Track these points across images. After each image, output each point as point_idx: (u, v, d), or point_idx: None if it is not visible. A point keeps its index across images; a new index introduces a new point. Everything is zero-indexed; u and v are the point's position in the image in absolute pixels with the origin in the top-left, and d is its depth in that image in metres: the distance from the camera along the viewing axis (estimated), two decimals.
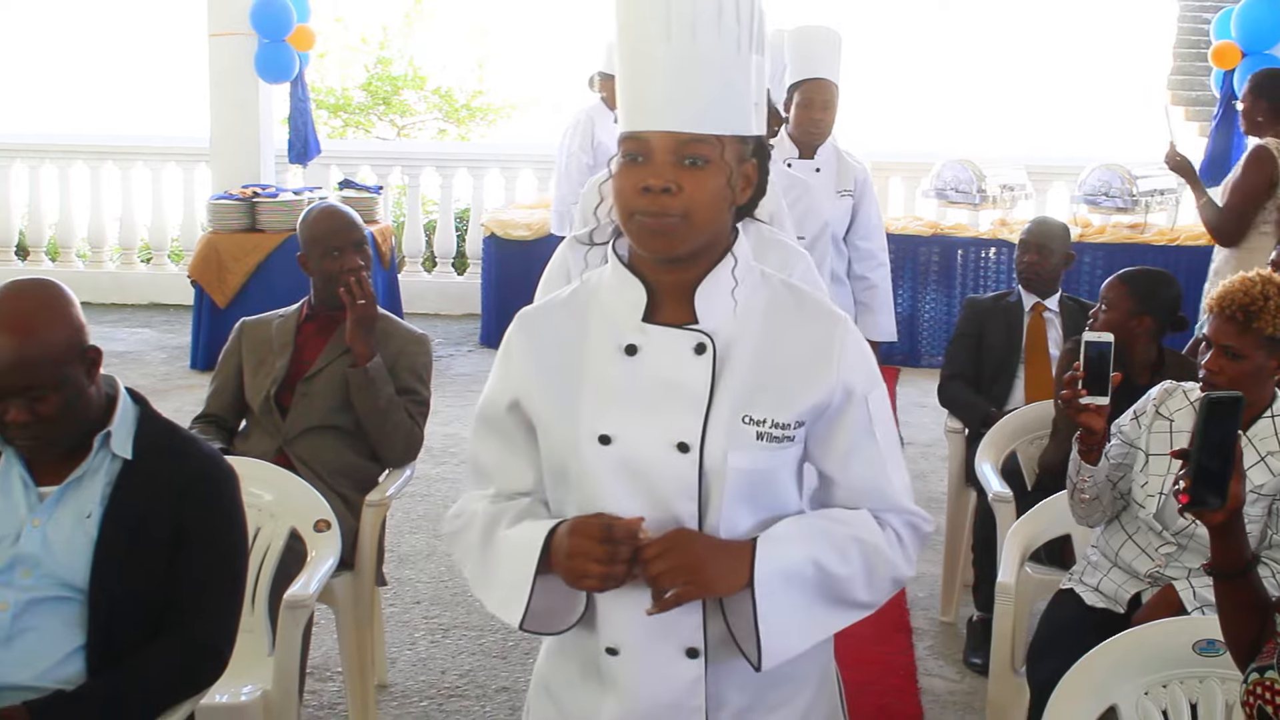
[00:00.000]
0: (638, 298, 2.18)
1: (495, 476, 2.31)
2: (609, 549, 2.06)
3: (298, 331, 4.40)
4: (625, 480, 2.14)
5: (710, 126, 2.08)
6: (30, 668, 2.72)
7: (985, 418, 5.07)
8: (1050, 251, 5.39)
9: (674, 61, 2.05)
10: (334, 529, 3.72)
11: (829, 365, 2.18)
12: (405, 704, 4.51)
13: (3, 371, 2.68)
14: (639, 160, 2.08)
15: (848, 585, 2.18)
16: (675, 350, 2.16)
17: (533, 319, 2.30)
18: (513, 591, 2.16)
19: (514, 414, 2.26)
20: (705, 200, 2.08)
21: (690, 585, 2.08)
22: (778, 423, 2.16)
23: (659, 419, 2.14)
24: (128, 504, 2.81)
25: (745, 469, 2.14)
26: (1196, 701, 2.89)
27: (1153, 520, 3.58)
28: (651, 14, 2.06)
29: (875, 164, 10.33)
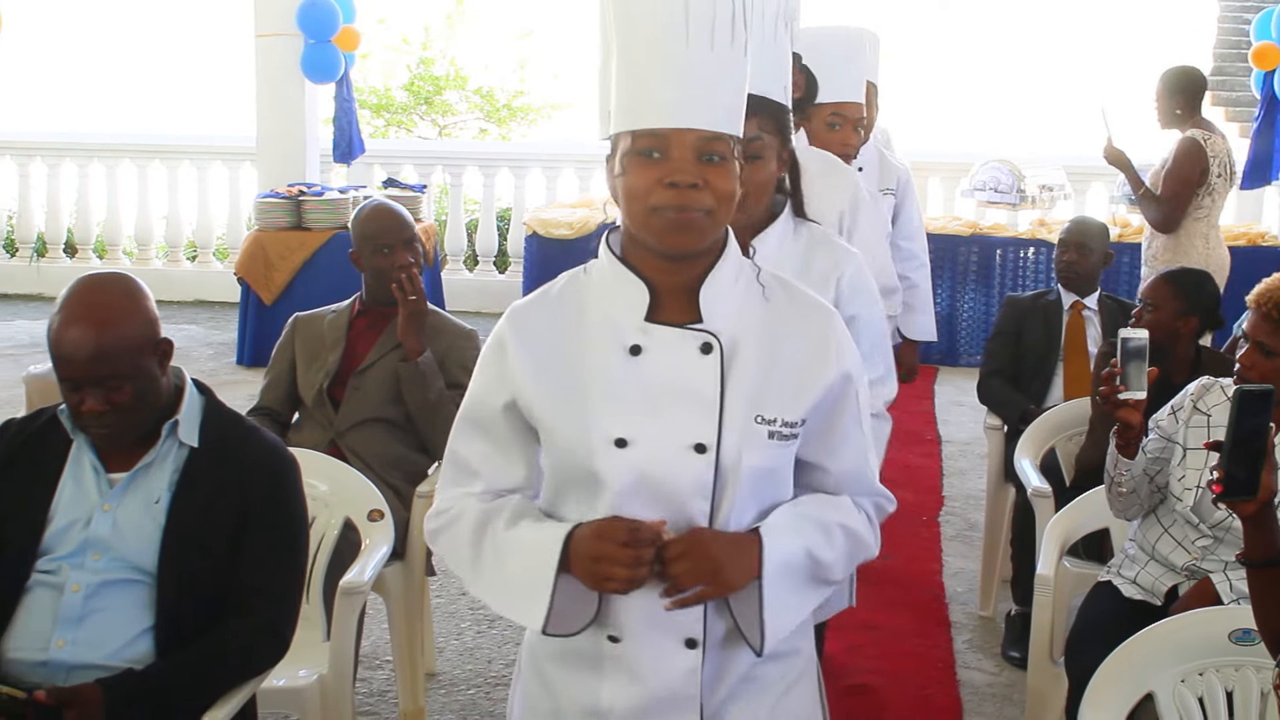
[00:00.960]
0: (639, 296, 2.20)
1: (483, 473, 2.31)
2: (634, 553, 2.10)
3: (350, 327, 4.50)
4: (640, 482, 2.17)
5: (724, 125, 2.15)
6: (101, 647, 2.83)
7: (1024, 414, 5.13)
8: (1090, 250, 5.45)
9: (693, 64, 2.12)
10: (387, 518, 3.81)
11: (829, 359, 2.26)
12: (453, 692, 4.61)
13: (81, 362, 2.79)
14: (655, 156, 2.13)
15: (830, 568, 2.27)
16: (681, 350, 2.19)
17: (525, 316, 2.29)
18: (531, 593, 2.18)
19: (509, 414, 2.27)
20: (727, 195, 2.15)
21: (711, 585, 2.14)
22: (787, 421, 2.22)
23: (673, 421, 2.17)
24: (194, 490, 2.92)
25: (758, 468, 2.20)
26: (1232, 690, 2.95)
27: (1190, 514, 3.63)
28: (670, 17, 2.12)
29: (914, 164, 10.37)
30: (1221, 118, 15.44)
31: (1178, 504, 3.67)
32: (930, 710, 4.58)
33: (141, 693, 2.76)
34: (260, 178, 10.44)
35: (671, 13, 2.12)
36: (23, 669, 2.83)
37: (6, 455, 2.98)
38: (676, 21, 2.12)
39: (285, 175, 10.08)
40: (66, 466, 2.93)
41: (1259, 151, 9.59)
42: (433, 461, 4.46)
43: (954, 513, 6.52)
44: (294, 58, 9.94)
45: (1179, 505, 3.67)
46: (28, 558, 2.87)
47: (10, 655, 2.84)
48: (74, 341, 2.80)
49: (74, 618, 2.83)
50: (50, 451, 2.95)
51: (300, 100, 10.24)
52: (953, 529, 6.29)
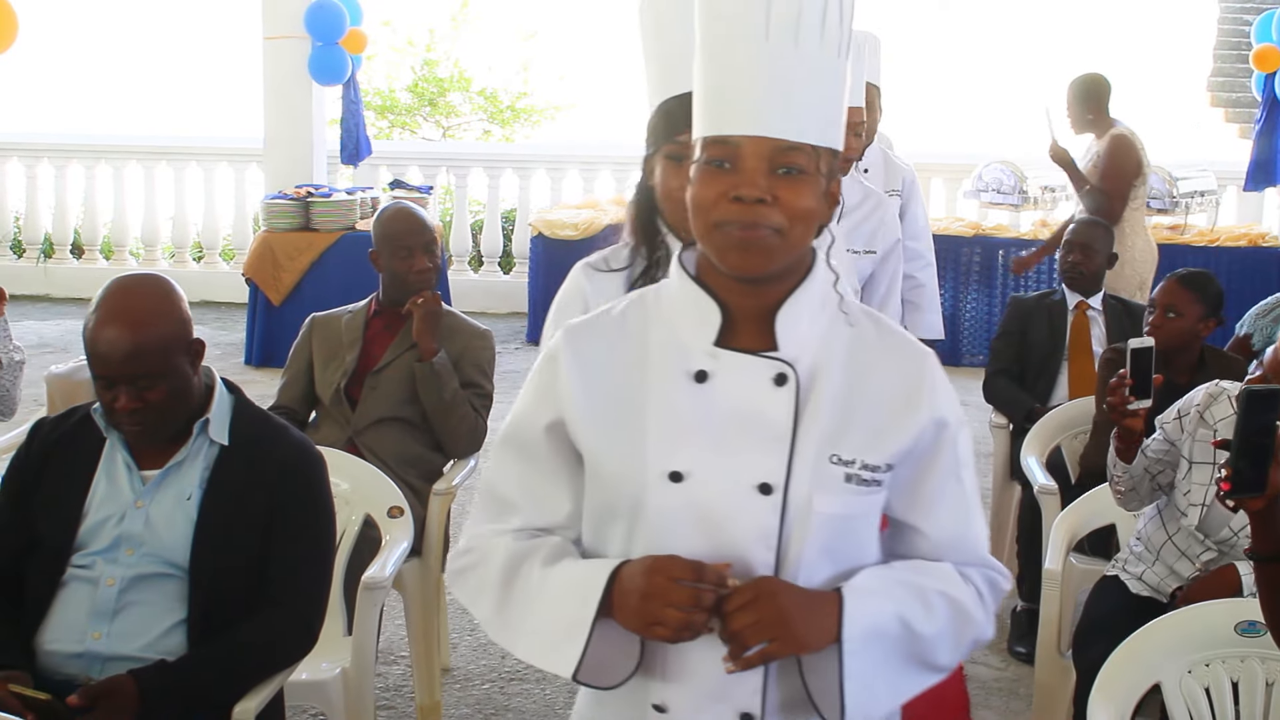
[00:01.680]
0: (710, 318, 1.97)
1: (521, 507, 2.08)
2: (693, 593, 1.86)
3: (366, 327, 4.57)
4: (695, 523, 1.93)
5: (807, 135, 1.89)
6: (135, 640, 2.90)
7: (1029, 413, 5.20)
8: (1094, 252, 5.52)
9: (772, 62, 1.88)
10: (407, 515, 3.88)
11: (920, 401, 2.00)
12: (468, 686, 4.68)
13: (116, 361, 2.86)
14: (724, 167, 1.90)
15: (932, 645, 1.98)
16: (752, 379, 1.95)
17: (582, 335, 2.06)
18: (564, 635, 1.93)
19: (553, 435, 2.04)
20: (801, 214, 1.90)
21: (779, 642, 1.88)
22: (868, 464, 1.97)
23: (736, 456, 1.94)
24: (225, 487, 2.99)
25: (831, 514, 1.95)
26: (1238, 680, 3.02)
27: (1195, 531, 3.69)
28: (749, 10, 1.88)
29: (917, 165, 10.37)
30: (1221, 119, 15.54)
31: (1183, 519, 3.72)
32: (938, 704, 4.63)
33: (174, 683, 2.83)
34: (267, 179, 10.51)
35: (751, 5, 1.88)
36: (60, 660, 2.91)
37: (41, 454, 3.05)
38: (756, 14, 1.88)
39: (292, 177, 10.15)
40: (100, 464, 3.01)
41: (1261, 153, 9.69)
42: (448, 460, 4.54)
43: None
44: (301, 60, 10.01)
45: (1184, 520, 3.72)
46: (63, 553, 2.95)
47: (47, 647, 2.92)
48: (109, 340, 2.87)
49: (109, 611, 2.90)
50: (84, 449, 3.02)
51: (308, 102, 10.31)
52: None
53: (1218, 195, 9.99)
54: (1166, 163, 9.88)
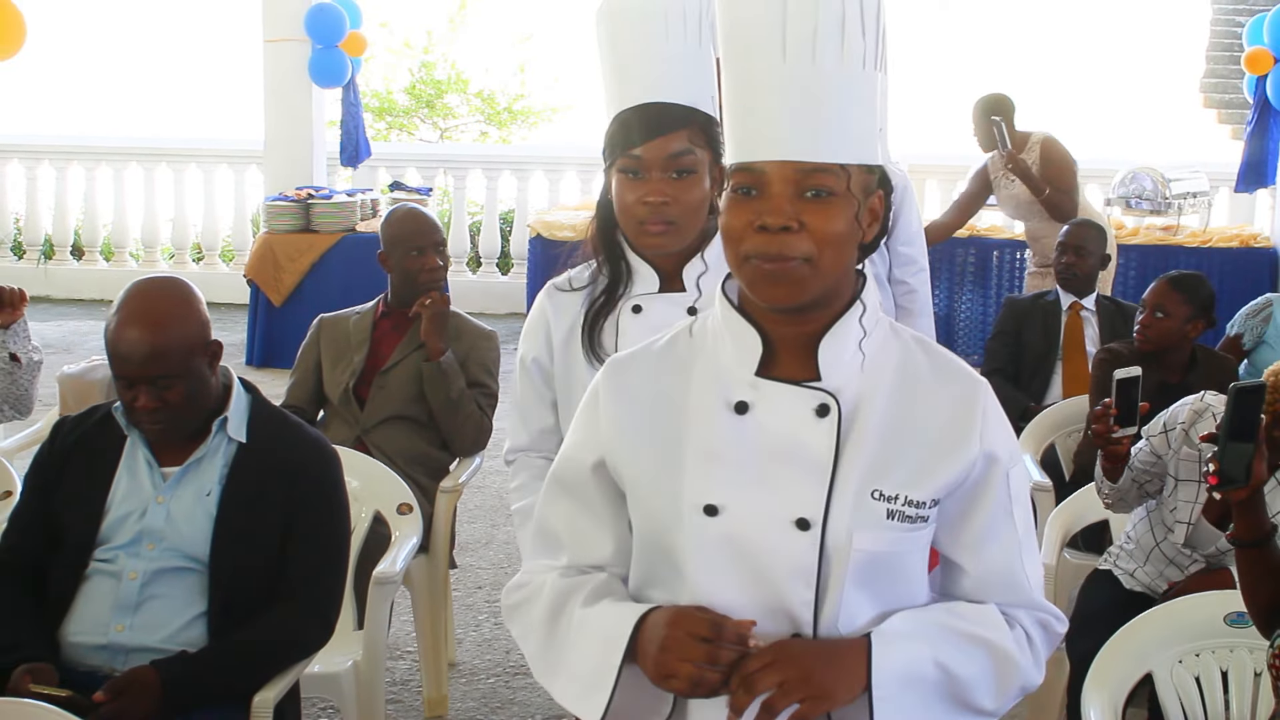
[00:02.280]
0: (752, 347, 1.91)
1: (568, 545, 2.06)
2: (710, 650, 1.81)
3: (374, 327, 4.65)
4: (731, 558, 1.89)
5: (834, 155, 1.82)
6: (157, 632, 2.98)
7: (1024, 412, 5.28)
8: (1088, 253, 5.62)
9: (792, 83, 1.81)
10: (416, 512, 3.97)
11: (971, 434, 1.92)
12: (473, 680, 4.77)
13: (137, 362, 2.95)
14: (752, 194, 1.84)
15: (972, 689, 1.91)
16: (794, 410, 1.89)
17: (623, 369, 2.04)
18: (592, 681, 1.91)
19: (599, 475, 2.02)
20: (831, 238, 1.83)
21: (809, 701, 1.81)
22: (912, 500, 1.89)
23: (774, 490, 1.88)
24: (244, 483, 3.08)
25: (872, 551, 1.88)
26: (1228, 670, 3.12)
27: (1182, 548, 3.77)
28: (765, 30, 1.82)
29: (912, 167, 10.58)
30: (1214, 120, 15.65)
31: (1170, 534, 3.80)
32: None
33: (195, 674, 2.92)
34: (267, 181, 10.58)
35: (767, 20, 1.81)
36: (83, 652, 2.99)
37: (63, 452, 3.14)
38: (772, 34, 1.81)
39: (292, 178, 10.22)
40: (121, 461, 3.09)
41: (1252, 155, 9.76)
42: (453, 459, 4.62)
43: None
44: (302, 63, 10.08)
45: (1171, 536, 3.79)
46: (86, 547, 3.03)
47: (72, 639, 3.00)
48: (130, 342, 2.95)
49: (131, 604, 2.99)
50: (105, 447, 3.11)
51: (308, 104, 10.38)
52: None
53: (1210, 196, 10.08)
54: (1159, 164, 9.98)
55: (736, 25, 1.86)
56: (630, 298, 2.76)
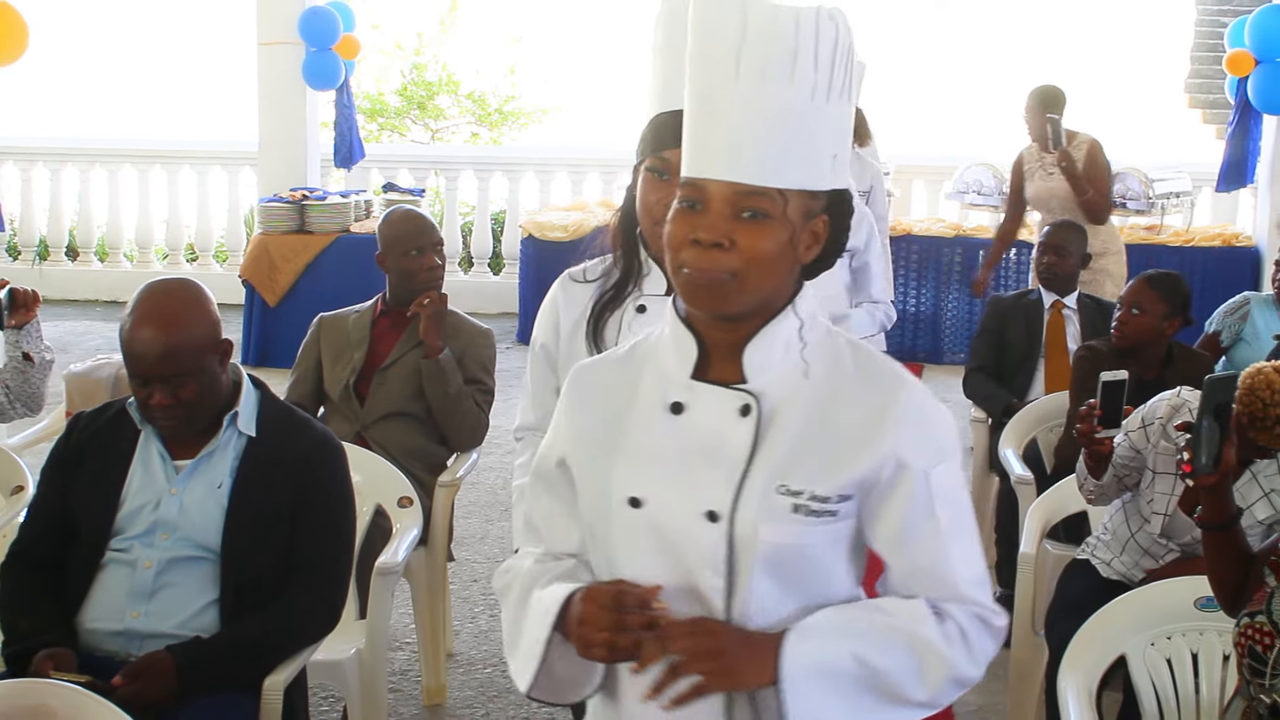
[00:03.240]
0: (689, 353, 2.03)
1: (544, 536, 2.20)
2: (618, 618, 1.93)
3: (373, 325, 4.77)
4: (653, 547, 2.01)
5: (773, 179, 1.91)
6: (171, 618, 3.12)
7: (1007, 408, 5.42)
8: (1069, 253, 5.75)
9: (739, 106, 1.91)
10: (416, 505, 4.09)
11: (880, 435, 1.99)
12: (470, 671, 4.89)
13: (151, 361, 3.08)
14: (695, 208, 1.94)
15: (895, 681, 1.97)
16: (720, 410, 2.00)
17: (584, 376, 2.18)
18: (527, 655, 2.05)
19: (563, 471, 2.15)
20: (760, 258, 1.92)
21: (712, 675, 1.92)
22: (817, 495, 1.97)
23: (692, 484, 1.99)
24: (254, 475, 3.20)
25: (778, 543, 1.97)
26: (1198, 652, 3.26)
27: (1158, 538, 3.91)
28: (722, 52, 1.91)
29: (899, 167, 10.73)
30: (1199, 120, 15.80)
31: (1146, 525, 3.94)
32: None
33: (208, 658, 3.05)
34: (261, 182, 10.69)
35: (725, 42, 1.91)
36: (100, 638, 3.12)
37: (79, 446, 3.27)
38: (727, 57, 1.90)
39: (287, 180, 10.34)
40: (136, 454, 3.22)
41: (1234, 155, 9.88)
42: (451, 453, 4.74)
43: None
44: (296, 65, 10.21)
45: (1148, 526, 3.93)
46: (103, 538, 3.16)
47: (90, 625, 3.13)
48: (144, 342, 3.08)
49: (146, 592, 3.12)
50: (120, 441, 3.24)
51: (301, 106, 10.51)
52: None
53: (1193, 196, 10.23)
54: (1142, 164, 10.12)
55: (699, 43, 1.95)
56: (638, 296, 2.84)
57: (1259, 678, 2.81)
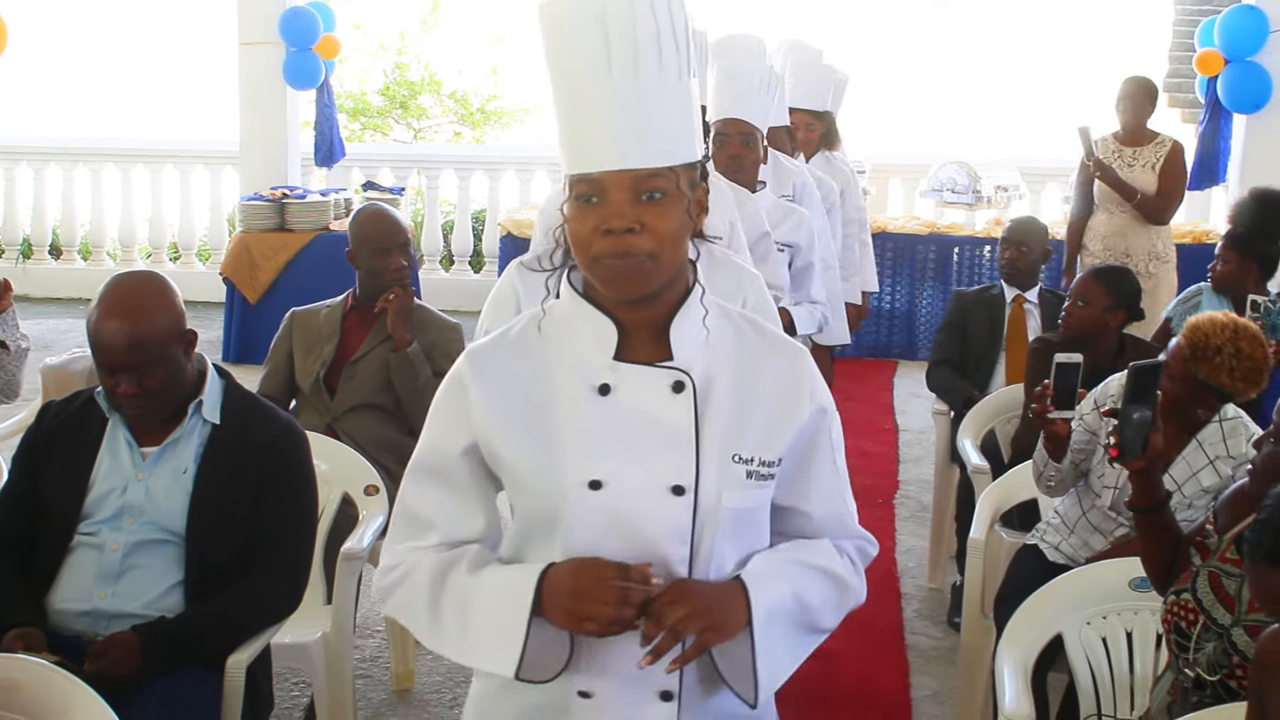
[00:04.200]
0: (606, 334, 2.11)
1: (438, 525, 2.19)
2: (622, 591, 2.00)
3: (343, 320, 4.87)
4: (614, 525, 2.08)
5: (664, 159, 2.03)
6: (137, 599, 3.22)
7: (968, 400, 5.53)
8: (1029, 248, 5.86)
9: (620, 98, 2.01)
10: (382, 492, 4.19)
11: (803, 396, 2.17)
12: (439, 658, 4.94)
13: (117, 351, 3.18)
14: (594, 201, 2.03)
15: (819, 614, 2.18)
16: (651, 389, 2.10)
17: (484, 358, 2.19)
18: (502, 637, 2.06)
19: (469, 459, 2.17)
20: (669, 235, 2.04)
21: (708, 631, 2.04)
22: (764, 460, 2.13)
23: (648, 462, 2.08)
24: (218, 461, 3.31)
25: (737, 509, 2.11)
26: (1132, 631, 3.38)
27: (1108, 510, 4.03)
28: (590, 51, 2.01)
29: (875, 166, 10.84)
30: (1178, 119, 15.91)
31: (1097, 499, 4.06)
32: (880, 670, 4.98)
33: (173, 637, 3.16)
34: (243, 181, 10.79)
35: (590, 42, 2.01)
36: (69, 618, 3.22)
37: (49, 433, 3.37)
38: (596, 51, 2.01)
39: (268, 178, 10.44)
40: (104, 442, 3.32)
41: (1205, 153, 10.00)
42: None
43: (909, 495, 6.92)
44: (276, 65, 10.32)
45: (1098, 501, 4.06)
46: (71, 522, 3.26)
47: (58, 606, 3.23)
48: (111, 332, 3.18)
49: (113, 573, 3.22)
50: (89, 429, 3.34)
51: (282, 106, 10.62)
52: (906, 510, 6.70)
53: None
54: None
55: (562, 47, 2.05)
56: None
57: (1184, 652, 2.93)
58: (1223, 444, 3.90)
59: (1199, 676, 2.90)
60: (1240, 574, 2.90)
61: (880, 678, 4.93)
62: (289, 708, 4.53)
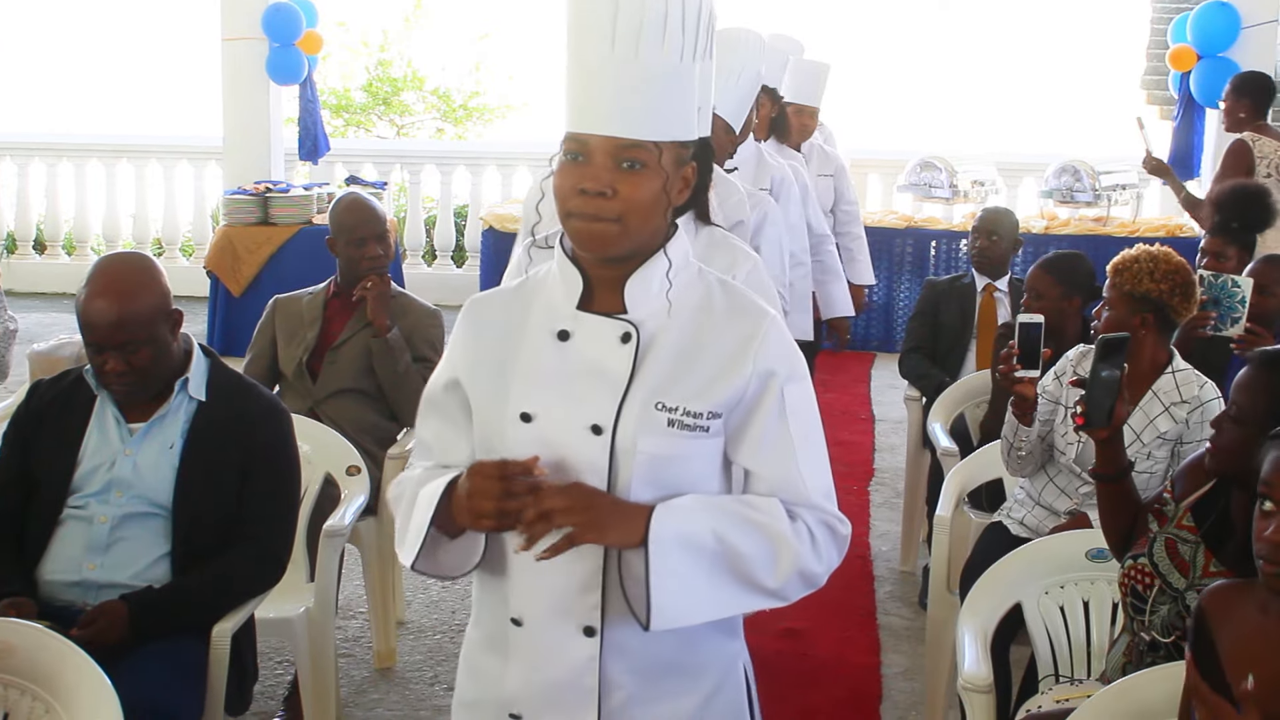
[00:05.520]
0: (574, 286, 2.25)
1: (434, 449, 2.39)
2: (504, 484, 2.12)
3: (325, 306, 4.97)
4: (542, 457, 2.18)
5: (648, 133, 2.14)
6: (125, 570, 3.33)
7: (939, 386, 5.63)
8: (1000, 238, 5.97)
9: (616, 70, 2.12)
10: (364, 473, 4.30)
11: (745, 358, 2.23)
12: (421, 637, 5.09)
13: (105, 329, 3.28)
14: (579, 159, 2.15)
15: (750, 564, 2.19)
16: (603, 337, 2.23)
17: (479, 306, 2.38)
18: (414, 536, 2.25)
19: (452, 393, 2.35)
20: (640, 204, 2.15)
21: (583, 527, 2.12)
22: (690, 411, 2.21)
23: (578, 402, 2.21)
24: (203, 437, 3.41)
25: (653, 454, 2.20)
26: (1089, 600, 3.49)
27: (1073, 464, 4.16)
28: (598, 22, 2.12)
29: (854, 161, 10.90)
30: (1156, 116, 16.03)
31: (1061, 457, 4.20)
32: (852, 649, 5.09)
33: (160, 605, 3.27)
34: (226, 176, 10.87)
35: (600, 14, 2.12)
36: (59, 589, 3.33)
37: (39, 410, 3.47)
38: (604, 22, 2.12)
39: (251, 173, 10.51)
40: (92, 418, 3.43)
41: (1179, 148, 10.13)
42: (401, 428, 4.94)
43: (883, 483, 7.05)
44: (259, 61, 10.41)
45: (1063, 458, 4.20)
46: (60, 496, 3.37)
47: (48, 577, 3.34)
48: (99, 311, 3.28)
49: (101, 545, 3.33)
50: (77, 406, 3.44)
51: (265, 101, 10.70)
52: (881, 497, 6.83)
53: (1139, 189, 10.47)
54: (1091, 158, 10.36)
55: (577, 13, 2.17)
56: None
57: (1140, 614, 3.05)
58: (1176, 391, 4.06)
59: (1154, 640, 3.02)
60: (1195, 540, 3.02)
61: (852, 655, 5.04)
62: (272, 685, 4.63)
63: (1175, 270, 4.06)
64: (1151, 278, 4.04)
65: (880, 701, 4.72)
